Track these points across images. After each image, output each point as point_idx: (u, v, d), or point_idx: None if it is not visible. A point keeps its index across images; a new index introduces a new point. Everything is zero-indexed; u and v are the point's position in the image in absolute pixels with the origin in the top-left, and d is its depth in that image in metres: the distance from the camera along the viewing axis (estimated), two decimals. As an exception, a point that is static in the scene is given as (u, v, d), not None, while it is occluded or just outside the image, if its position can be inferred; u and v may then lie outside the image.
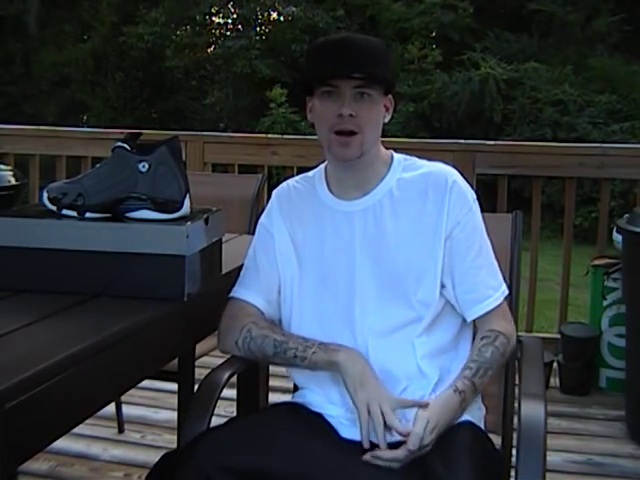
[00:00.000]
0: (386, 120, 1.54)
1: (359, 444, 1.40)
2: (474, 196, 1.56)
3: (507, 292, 1.58)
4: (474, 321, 1.54)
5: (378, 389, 1.41)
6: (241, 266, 1.72)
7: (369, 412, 1.38)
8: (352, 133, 1.46)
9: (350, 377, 1.42)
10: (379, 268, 1.50)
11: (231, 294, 1.60)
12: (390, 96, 1.53)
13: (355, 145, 1.47)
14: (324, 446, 1.39)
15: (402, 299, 1.49)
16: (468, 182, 1.57)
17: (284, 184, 1.65)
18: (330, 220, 1.55)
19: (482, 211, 1.58)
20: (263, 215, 1.64)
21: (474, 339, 1.53)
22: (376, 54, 1.49)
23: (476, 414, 1.52)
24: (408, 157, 1.59)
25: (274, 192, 1.65)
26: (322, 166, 1.62)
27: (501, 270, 1.59)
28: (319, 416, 1.48)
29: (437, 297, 1.50)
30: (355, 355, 1.44)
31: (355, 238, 1.52)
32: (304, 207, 1.58)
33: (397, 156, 1.59)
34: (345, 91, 1.44)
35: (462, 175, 1.57)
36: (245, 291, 1.59)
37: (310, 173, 1.64)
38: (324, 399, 1.50)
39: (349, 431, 1.45)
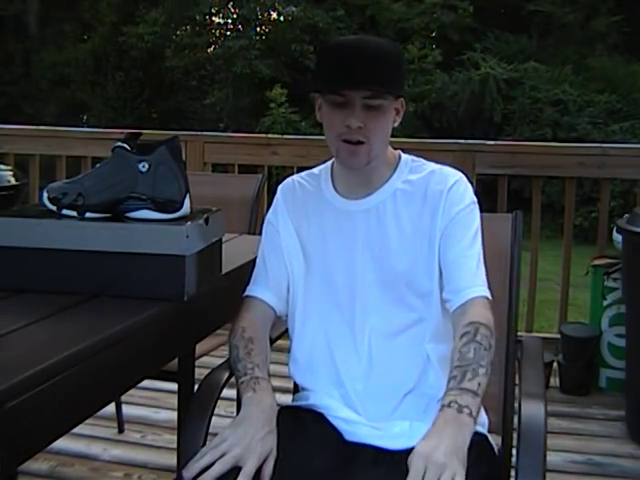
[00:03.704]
0: (396, 124, 1.51)
1: (365, 447, 1.40)
2: (474, 199, 1.53)
3: (490, 297, 1.49)
4: (453, 314, 1.46)
5: (249, 437, 1.30)
6: (241, 266, 1.72)
7: (219, 447, 1.29)
8: (359, 142, 1.44)
9: (239, 415, 1.37)
10: (380, 269, 1.49)
11: (244, 293, 1.60)
12: (402, 99, 1.50)
13: (362, 154, 1.45)
14: (328, 459, 1.38)
15: (403, 301, 1.48)
16: (470, 183, 1.56)
17: (289, 179, 1.65)
18: (333, 218, 1.54)
19: (482, 211, 1.56)
20: (269, 212, 1.64)
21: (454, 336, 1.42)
22: (389, 62, 1.44)
23: (479, 425, 1.50)
24: (416, 158, 1.58)
25: (279, 187, 1.65)
26: (329, 163, 1.61)
27: (501, 270, 1.58)
28: (323, 419, 1.47)
29: (438, 299, 1.49)
30: (260, 401, 1.37)
31: (357, 238, 1.51)
32: (308, 203, 1.58)
33: (404, 157, 1.57)
34: (355, 101, 1.41)
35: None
36: (256, 288, 1.59)
37: (316, 170, 1.64)
38: (327, 401, 1.49)
39: (354, 434, 1.44)
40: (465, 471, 1.21)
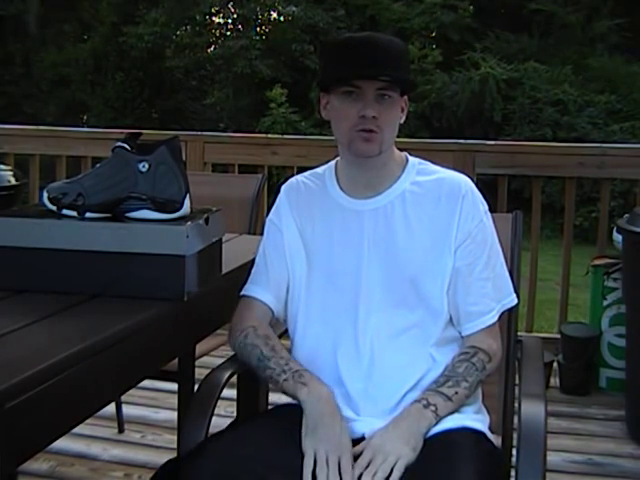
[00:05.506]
0: (401, 121, 1.53)
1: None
2: (486, 207, 1.55)
3: (515, 301, 1.57)
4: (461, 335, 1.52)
5: (333, 435, 1.33)
6: (241, 266, 1.72)
7: (318, 460, 1.30)
8: (372, 131, 1.46)
9: (306, 418, 1.37)
10: (386, 269, 1.49)
11: (242, 292, 1.60)
12: (406, 97, 1.53)
13: (376, 142, 1.47)
14: None
15: (405, 302, 1.48)
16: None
17: (293, 179, 1.65)
18: (339, 217, 1.54)
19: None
20: (272, 211, 1.64)
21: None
22: (399, 55, 1.48)
23: (479, 421, 1.50)
24: (422, 161, 1.59)
25: (283, 187, 1.64)
26: (332, 163, 1.62)
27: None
28: None
29: (444, 304, 1.49)
30: (319, 394, 1.40)
31: (364, 237, 1.51)
32: (313, 203, 1.58)
33: (412, 159, 1.58)
34: (368, 92, 1.44)
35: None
36: (255, 288, 1.59)
37: (319, 170, 1.63)
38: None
39: (353, 432, 1.43)
40: (415, 455, 1.31)
